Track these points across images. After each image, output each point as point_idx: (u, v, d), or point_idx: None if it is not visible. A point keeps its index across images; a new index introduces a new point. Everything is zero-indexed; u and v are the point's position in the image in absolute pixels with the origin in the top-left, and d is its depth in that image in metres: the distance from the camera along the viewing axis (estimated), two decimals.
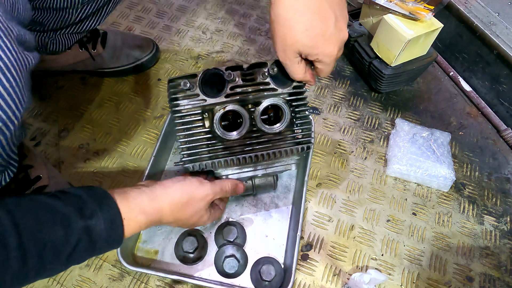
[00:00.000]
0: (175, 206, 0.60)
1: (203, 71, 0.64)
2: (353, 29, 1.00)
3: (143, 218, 0.55)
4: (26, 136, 0.64)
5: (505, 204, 0.87)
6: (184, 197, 0.61)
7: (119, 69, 1.02)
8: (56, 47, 0.88)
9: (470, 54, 1.05)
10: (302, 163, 0.84)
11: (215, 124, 0.64)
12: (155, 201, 0.58)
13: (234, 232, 0.76)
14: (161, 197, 0.59)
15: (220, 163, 0.65)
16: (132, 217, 0.53)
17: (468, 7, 1.02)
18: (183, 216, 0.62)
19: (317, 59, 0.58)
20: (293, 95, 0.67)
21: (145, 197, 0.57)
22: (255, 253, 0.76)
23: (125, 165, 0.89)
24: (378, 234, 0.81)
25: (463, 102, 1.04)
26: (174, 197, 0.60)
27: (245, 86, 0.64)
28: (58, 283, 0.74)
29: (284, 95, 0.66)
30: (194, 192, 0.63)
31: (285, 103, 0.66)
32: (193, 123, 0.65)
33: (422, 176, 0.86)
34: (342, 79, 1.07)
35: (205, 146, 0.66)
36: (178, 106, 0.64)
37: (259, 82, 0.65)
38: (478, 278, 0.77)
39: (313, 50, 0.56)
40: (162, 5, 1.24)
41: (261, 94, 0.65)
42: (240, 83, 0.64)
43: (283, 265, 0.74)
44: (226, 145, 0.65)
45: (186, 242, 0.73)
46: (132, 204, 0.54)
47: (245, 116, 0.65)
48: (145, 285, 0.74)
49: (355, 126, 0.98)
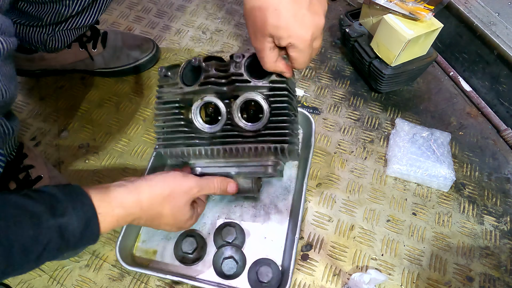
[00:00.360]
0: (155, 199, 0.57)
1: (185, 62, 0.66)
2: (353, 29, 1.00)
3: (121, 211, 0.53)
4: (16, 133, 0.64)
5: (505, 204, 0.87)
6: (166, 189, 0.58)
7: (119, 69, 1.02)
8: (55, 43, 0.88)
9: (470, 54, 1.05)
10: (302, 165, 0.84)
11: (192, 114, 0.65)
12: (134, 193, 0.55)
13: (233, 233, 0.76)
14: (141, 189, 0.56)
15: (191, 152, 0.64)
16: (109, 211, 0.52)
17: (468, 7, 1.02)
18: (165, 211, 0.59)
19: (290, 43, 0.53)
20: (273, 90, 0.63)
21: (124, 190, 0.55)
22: (254, 255, 0.76)
23: (125, 165, 0.89)
24: (378, 234, 0.81)
25: (463, 102, 1.04)
26: (155, 190, 0.57)
27: (218, 77, 0.63)
28: (58, 283, 0.74)
29: (263, 89, 0.63)
30: (177, 184, 0.60)
31: (264, 99, 0.63)
32: (171, 109, 0.66)
33: (422, 176, 0.86)
34: (342, 79, 1.08)
35: (181, 133, 0.65)
36: (160, 93, 0.67)
37: (232, 73, 0.62)
38: (478, 278, 0.77)
39: (284, 32, 0.52)
40: (162, 5, 1.24)
41: (235, 86, 0.63)
42: (213, 72, 0.63)
43: (281, 267, 0.74)
44: (201, 136, 0.65)
45: (185, 243, 0.73)
46: (109, 197, 0.53)
47: (222, 109, 0.64)
48: (145, 285, 0.74)
49: (355, 126, 0.98)
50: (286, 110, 0.62)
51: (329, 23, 1.21)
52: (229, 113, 0.64)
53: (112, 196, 0.53)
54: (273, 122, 0.63)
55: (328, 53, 1.13)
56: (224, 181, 0.67)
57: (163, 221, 0.61)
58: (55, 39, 0.88)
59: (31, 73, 1.01)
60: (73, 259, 0.76)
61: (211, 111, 0.68)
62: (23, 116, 0.96)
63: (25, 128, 0.94)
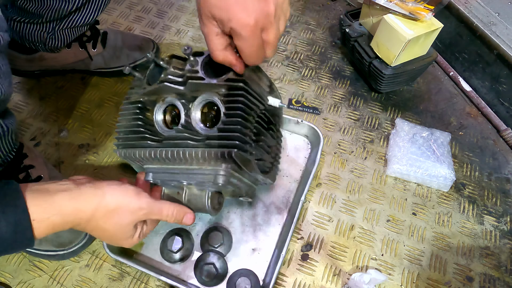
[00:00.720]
0: (99, 211, 0.52)
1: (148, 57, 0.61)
2: (353, 29, 1.00)
3: (58, 219, 0.49)
4: (13, 131, 0.63)
5: (505, 204, 0.87)
6: (111, 203, 0.53)
7: (119, 69, 1.02)
8: (55, 42, 0.88)
9: (470, 54, 1.05)
10: (303, 181, 0.83)
11: (154, 116, 0.61)
12: (77, 200, 0.51)
13: (220, 239, 0.75)
14: (85, 198, 0.52)
15: (142, 154, 0.60)
16: (44, 218, 0.47)
17: (468, 7, 1.02)
18: (105, 225, 0.54)
19: (232, 28, 0.47)
20: (229, 90, 0.56)
21: (66, 196, 0.50)
22: (237, 264, 0.75)
23: (125, 165, 0.89)
24: (378, 234, 0.81)
25: (463, 102, 1.04)
26: (101, 202, 0.53)
27: (176, 75, 0.58)
28: (58, 283, 0.74)
29: (221, 89, 0.57)
30: (126, 201, 0.55)
31: (221, 101, 0.57)
32: (133, 109, 0.63)
33: (422, 176, 0.86)
34: (342, 79, 1.08)
35: (138, 133, 0.62)
36: (130, 94, 0.63)
37: (187, 70, 0.57)
38: (478, 278, 0.77)
39: (225, 13, 0.47)
40: (162, 5, 1.24)
41: (191, 84, 0.57)
42: (171, 71, 0.58)
43: (262, 281, 0.73)
44: (159, 138, 0.61)
45: (172, 241, 0.73)
46: (47, 202, 0.48)
47: (180, 110, 0.59)
48: (145, 285, 0.74)
49: (355, 126, 0.98)
50: (239, 111, 0.55)
51: (329, 23, 1.21)
52: (187, 115, 0.59)
53: (51, 201, 0.49)
54: (226, 123, 0.55)
55: (328, 53, 1.13)
56: (181, 211, 0.61)
57: (102, 234, 0.56)
58: (55, 37, 0.88)
59: (31, 73, 1.01)
60: (73, 259, 0.76)
61: (174, 114, 0.63)
62: (23, 116, 0.96)
63: (25, 128, 0.94)
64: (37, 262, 0.76)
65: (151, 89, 0.60)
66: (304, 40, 1.16)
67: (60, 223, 0.49)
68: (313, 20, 1.22)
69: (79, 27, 0.88)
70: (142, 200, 0.56)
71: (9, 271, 0.75)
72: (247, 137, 0.57)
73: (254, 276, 0.72)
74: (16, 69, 0.99)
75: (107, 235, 0.56)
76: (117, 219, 0.54)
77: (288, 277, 0.75)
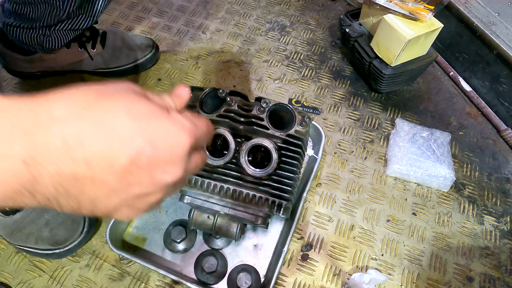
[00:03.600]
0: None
1: (209, 88, 0.64)
2: (353, 29, 1.00)
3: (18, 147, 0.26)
4: None
5: (505, 204, 0.87)
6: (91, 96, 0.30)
7: (119, 69, 1.02)
8: (52, 43, 0.89)
9: (470, 54, 1.05)
10: (302, 181, 0.83)
11: None
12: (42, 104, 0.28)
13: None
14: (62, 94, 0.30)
15: (187, 180, 0.62)
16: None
17: (468, 7, 1.02)
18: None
19: None
20: (286, 143, 0.61)
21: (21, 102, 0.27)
22: (239, 260, 0.75)
23: None
24: (378, 234, 0.81)
25: (463, 102, 1.04)
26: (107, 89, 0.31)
27: (239, 114, 0.62)
28: (58, 283, 0.74)
29: (277, 139, 0.62)
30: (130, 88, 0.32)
31: (275, 149, 0.61)
32: None
33: (422, 176, 0.86)
34: (342, 79, 1.08)
35: None
36: None
37: (253, 115, 0.61)
38: (478, 278, 0.77)
39: None
40: (162, 5, 1.24)
41: (252, 128, 0.61)
42: (234, 108, 0.62)
43: (264, 277, 0.73)
44: (205, 167, 0.63)
45: (176, 231, 0.74)
46: None
47: (231, 145, 0.62)
48: (145, 285, 0.74)
49: (355, 126, 0.98)
50: (294, 167, 0.61)
51: (329, 23, 1.21)
52: (237, 151, 0.62)
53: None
54: (278, 175, 0.61)
55: (328, 53, 1.13)
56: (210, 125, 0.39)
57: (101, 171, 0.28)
58: (51, 39, 0.89)
59: (31, 75, 1.01)
60: (73, 259, 0.76)
61: (219, 144, 0.66)
62: None
63: None
64: (37, 262, 0.76)
65: (209, 118, 0.62)
66: (304, 40, 1.16)
67: (19, 153, 0.26)
68: (313, 20, 1.22)
69: (76, 30, 0.89)
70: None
71: (9, 271, 0.75)
72: (294, 189, 0.62)
73: (255, 271, 0.73)
74: (16, 70, 1.00)
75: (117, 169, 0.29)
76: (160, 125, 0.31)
77: (288, 277, 0.75)
